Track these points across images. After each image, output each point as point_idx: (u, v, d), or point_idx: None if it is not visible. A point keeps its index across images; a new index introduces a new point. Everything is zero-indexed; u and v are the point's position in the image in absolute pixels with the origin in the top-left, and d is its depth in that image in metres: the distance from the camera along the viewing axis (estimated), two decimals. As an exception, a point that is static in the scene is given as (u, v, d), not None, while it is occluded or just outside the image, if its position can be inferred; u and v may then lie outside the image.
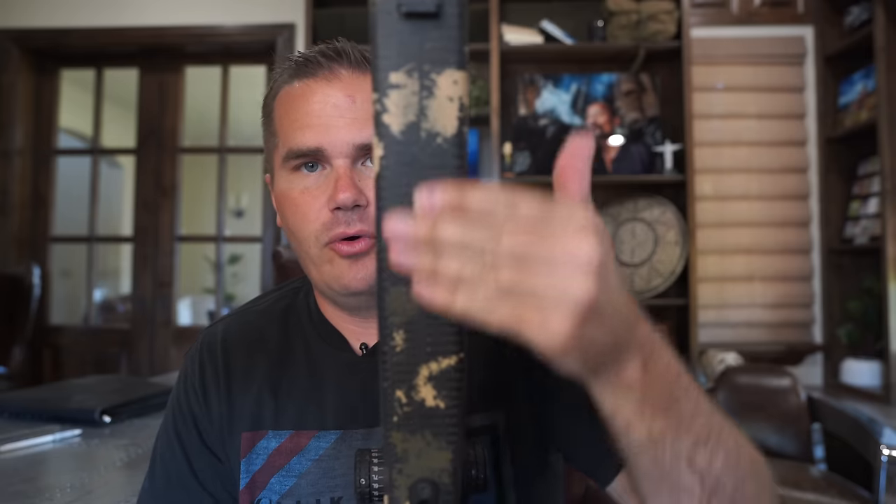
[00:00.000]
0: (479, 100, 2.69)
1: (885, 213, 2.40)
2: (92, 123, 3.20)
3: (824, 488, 1.73)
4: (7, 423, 1.32)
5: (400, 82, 0.31)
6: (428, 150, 0.32)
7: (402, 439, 0.36)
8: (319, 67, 0.66)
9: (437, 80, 0.31)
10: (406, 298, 0.34)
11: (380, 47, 0.31)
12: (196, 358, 0.74)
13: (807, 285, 2.81)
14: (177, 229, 3.12)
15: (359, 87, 0.65)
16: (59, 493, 0.94)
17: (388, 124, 0.32)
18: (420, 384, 0.35)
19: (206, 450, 0.71)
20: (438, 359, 0.35)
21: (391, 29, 0.31)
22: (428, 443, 0.36)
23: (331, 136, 0.64)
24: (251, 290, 4.87)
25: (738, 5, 2.86)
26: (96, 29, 3.00)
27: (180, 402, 0.73)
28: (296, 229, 0.66)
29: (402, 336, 0.35)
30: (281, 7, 2.96)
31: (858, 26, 2.63)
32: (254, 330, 0.75)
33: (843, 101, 2.75)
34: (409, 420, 0.36)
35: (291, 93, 0.67)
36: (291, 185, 0.66)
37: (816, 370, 2.78)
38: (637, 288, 2.70)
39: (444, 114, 0.32)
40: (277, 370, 0.72)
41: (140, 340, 3.07)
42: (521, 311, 0.32)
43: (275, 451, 0.68)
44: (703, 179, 2.80)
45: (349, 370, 0.71)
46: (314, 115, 0.64)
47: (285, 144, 0.66)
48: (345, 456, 0.68)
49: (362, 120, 0.64)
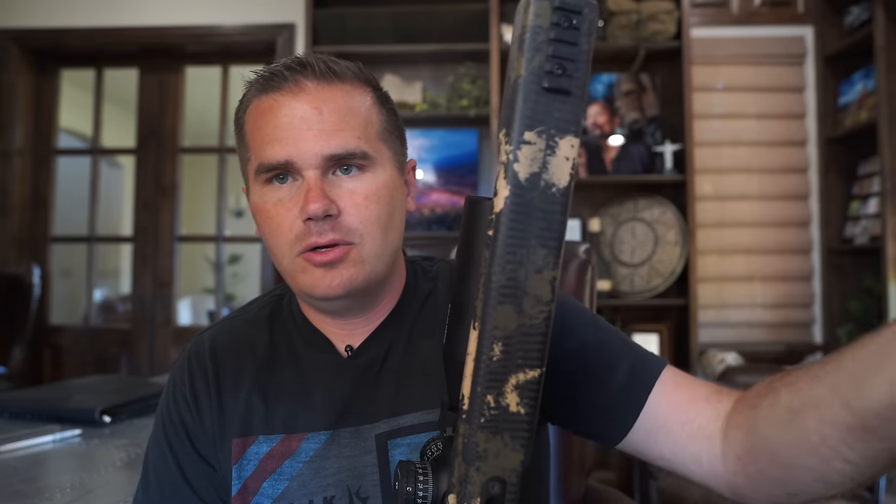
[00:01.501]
0: (479, 100, 2.69)
1: (885, 212, 2.40)
2: (92, 123, 3.20)
3: (824, 488, 1.72)
4: (7, 423, 1.32)
5: (531, 140, 0.39)
6: (543, 197, 0.39)
7: (485, 439, 0.41)
8: (285, 81, 0.66)
9: (559, 143, 0.39)
10: (510, 317, 0.40)
11: (520, 110, 0.38)
12: (185, 368, 0.74)
13: (807, 285, 2.81)
14: (177, 229, 3.12)
15: (325, 99, 0.66)
16: (59, 493, 0.94)
17: (516, 172, 0.39)
18: (508, 391, 0.41)
19: (199, 457, 0.71)
20: (526, 370, 0.41)
21: (531, 97, 0.38)
22: (505, 444, 0.41)
23: (299, 148, 0.64)
24: (251, 290, 4.87)
25: (737, 5, 2.86)
26: (96, 29, 3.00)
27: (170, 412, 0.73)
28: (271, 240, 0.67)
29: (500, 348, 0.40)
30: (281, 7, 2.96)
31: (858, 26, 2.63)
32: (241, 336, 0.75)
33: (843, 101, 2.75)
34: (494, 422, 0.41)
35: (260, 106, 0.68)
36: (265, 198, 0.67)
37: (816, 370, 2.78)
38: (637, 288, 2.70)
39: (560, 170, 0.39)
40: (266, 375, 0.72)
41: (140, 340, 3.07)
42: None
43: (266, 456, 0.69)
44: (703, 179, 2.80)
45: (336, 371, 0.72)
46: (282, 129, 0.65)
47: (256, 158, 0.67)
48: (334, 455, 0.68)
49: (330, 131, 0.65)
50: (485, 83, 2.71)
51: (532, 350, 0.41)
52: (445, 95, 2.75)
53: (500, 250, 0.39)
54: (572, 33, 0.38)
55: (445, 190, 2.77)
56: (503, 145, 0.40)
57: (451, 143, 2.77)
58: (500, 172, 0.40)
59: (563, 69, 0.38)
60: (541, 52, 0.38)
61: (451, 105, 2.71)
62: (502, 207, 0.39)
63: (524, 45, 0.38)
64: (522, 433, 0.41)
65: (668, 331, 2.66)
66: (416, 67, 2.85)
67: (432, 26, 2.73)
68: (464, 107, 2.69)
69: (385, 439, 0.69)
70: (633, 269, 2.74)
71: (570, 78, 0.38)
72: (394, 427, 0.69)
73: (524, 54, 0.38)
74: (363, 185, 0.67)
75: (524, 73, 0.38)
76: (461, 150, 2.77)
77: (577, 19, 0.38)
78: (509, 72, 0.40)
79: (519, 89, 0.38)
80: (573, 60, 0.38)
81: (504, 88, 0.41)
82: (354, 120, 0.67)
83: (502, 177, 0.39)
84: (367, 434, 0.69)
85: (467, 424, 0.42)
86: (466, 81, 2.72)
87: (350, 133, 0.66)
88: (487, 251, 0.41)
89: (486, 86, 2.70)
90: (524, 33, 0.38)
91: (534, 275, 0.40)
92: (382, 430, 0.69)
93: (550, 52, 0.38)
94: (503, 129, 0.40)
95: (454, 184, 2.77)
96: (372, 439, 0.69)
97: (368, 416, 0.70)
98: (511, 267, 0.39)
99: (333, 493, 0.68)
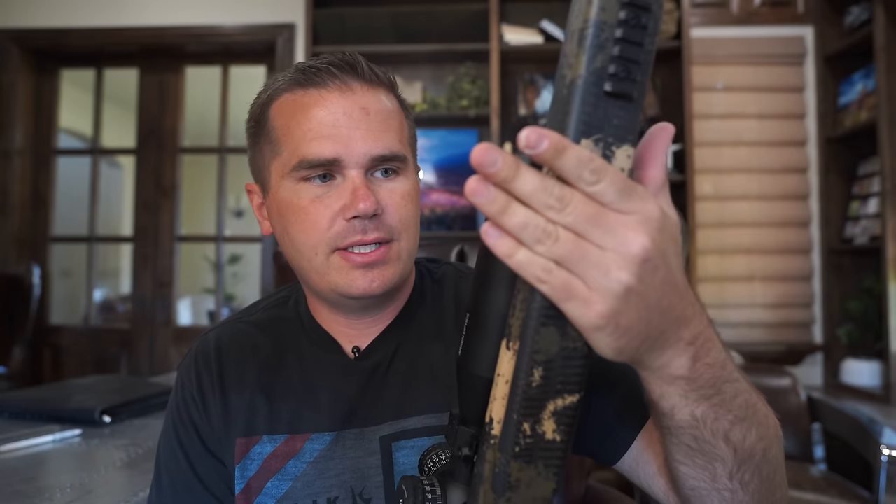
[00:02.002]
0: (479, 100, 2.69)
1: (885, 212, 2.40)
2: (92, 123, 3.20)
3: (824, 488, 1.73)
4: (7, 423, 1.32)
5: (588, 148, 0.35)
6: None
7: (518, 468, 0.38)
8: (332, 77, 0.66)
9: (616, 152, 0.36)
10: (553, 339, 0.37)
11: (576, 114, 0.35)
12: (192, 367, 0.75)
13: (807, 285, 2.81)
14: (177, 229, 3.12)
15: (370, 101, 0.67)
16: (59, 493, 0.94)
17: None
18: (545, 418, 0.38)
19: (209, 454, 0.72)
20: (564, 396, 0.38)
21: (591, 101, 0.35)
22: (539, 473, 0.39)
23: (348, 147, 0.64)
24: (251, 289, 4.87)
25: (737, 5, 2.86)
26: (96, 29, 3.00)
27: (180, 412, 0.74)
28: (300, 237, 0.66)
29: (541, 373, 0.38)
30: (281, 7, 2.96)
31: (858, 26, 2.63)
32: (246, 337, 0.76)
33: (843, 101, 2.75)
34: (529, 451, 0.38)
35: (298, 101, 0.67)
36: (300, 195, 0.66)
37: (816, 370, 2.78)
38: (637, 288, 2.70)
39: None
40: (270, 375, 0.73)
41: (140, 340, 3.07)
42: (571, 283, 0.34)
43: (270, 456, 0.69)
44: (704, 179, 2.80)
45: (342, 373, 0.72)
46: (330, 126, 0.65)
47: (295, 153, 0.65)
48: (339, 456, 0.69)
49: (377, 132, 0.66)
50: (485, 83, 2.71)
51: (573, 374, 0.38)
52: (445, 95, 2.75)
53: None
54: (639, 33, 0.35)
55: (445, 190, 2.77)
56: None
57: (451, 143, 2.77)
58: None
59: (628, 72, 0.35)
60: (604, 52, 0.35)
61: (451, 105, 2.71)
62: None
63: (585, 42, 0.35)
64: (556, 461, 0.39)
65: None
66: (416, 67, 2.85)
67: (432, 26, 2.73)
68: (464, 107, 2.69)
69: (389, 441, 0.69)
70: (633, 269, 2.73)
71: (633, 82, 0.35)
72: (398, 430, 0.69)
73: (585, 52, 0.35)
74: (400, 186, 0.68)
75: (584, 73, 0.35)
76: (461, 150, 2.77)
77: (645, 17, 0.35)
78: (563, 69, 0.36)
79: (577, 91, 0.35)
80: (638, 63, 0.35)
81: (556, 85, 0.37)
82: (394, 124, 0.69)
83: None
84: (372, 436, 0.69)
85: (498, 452, 0.39)
86: (466, 81, 2.72)
87: (393, 136, 0.68)
88: None
89: (486, 86, 2.70)
90: (586, 28, 0.35)
91: None
92: (387, 433, 0.69)
93: (615, 53, 0.35)
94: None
95: (454, 184, 2.77)
96: (376, 441, 0.69)
97: (373, 417, 0.70)
98: None
99: (337, 493, 0.68)
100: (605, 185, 0.34)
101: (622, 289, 0.34)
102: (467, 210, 2.75)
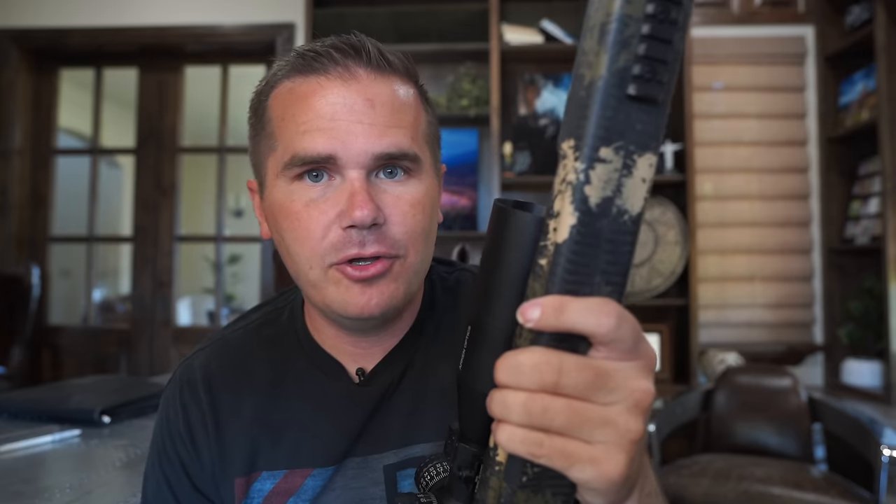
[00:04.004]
0: (479, 100, 2.69)
1: (886, 212, 2.40)
2: (91, 123, 3.20)
3: (825, 488, 1.73)
4: (7, 423, 1.32)
5: (607, 157, 0.32)
6: (614, 226, 0.33)
7: (525, 499, 0.36)
8: (333, 63, 0.57)
9: (638, 162, 0.33)
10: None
11: (596, 119, 0.32)
12: (177, 398, 0.67)
13: (807, 285, 2.81)
14: (176, 229, 3.12)
15: (377, 91, 0.58)
16: (58, 494, 0.94)
17: (587, 196, 0.33)
18: None
19: (197, 493, 0.66)
20: None
21: (612, 105, 0.32)
22: (546, 502, 0.36)
23: (346, 143, 0.56)
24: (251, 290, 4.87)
25: (738, 5, 2.86)
26: (96, 29, 3.00)
27: (165, 448, 0.67)
28: (294, 246, 0.58)
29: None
30: (281, 7, 2.95)
31: (859, 26, 2.63)
32: (237, 365, 0.68)
33: (844, 101, 2.75)
34: (537, 480, 0.36)
35: (296, 90, 0.58)
36: (292, 197, 0.58)
37: (817, 370, 2.78)
38: (637, 288, 2.70)
39: (636, 194, 0.33)
40: (268, 407, 0.65)
41: (139, 340, 3.07)
42: (572, 450, 0.33)
43: (270, 493, 0.64)
44: (704, 179, 2.79)
45: (346, 400, 0.65)
46: (326, 118, 0.56)
47: (288, 149, 0.57)
48: (340, 487, 0.64)
49: (382, 127, 0.57)
50: (485, 83, 2.71)
51: None
52: (445, 95, 2.74)
53: (557, 288, 0.34)
54: (668, 29, 0.31)
55: (445, 190, 2.77)
56: (570, 160, 0.33)
57: (451, 142, 2.76)
58: (565, 193, 0.33)
59: (654, 73, 0.31)
60: (629, 50, 0.31)
61: (451, 105, 2.71)
62: (566, 238, 0.33)
63: (607, 39, 0.31)
64: (566, 489, 0.36)
65: (669, 331, 2.66)
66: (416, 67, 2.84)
67: (432, 26, 2.73)
68: (464, 107, 2.69)
69: (394, 471, 0.63)
70: (634, 269, 2.73)
71: (659, 84, 0.32)
72: (403, 458, 0.63)
73: (607, 50, 0.31)
74: (409, 191, 0.59)
75: (605, 74, 0.31)
76: (461, 149, 2.77)
77: (675, 11, 0.31)
78: (581, 68, 0.33)
79: (597, 94, 0.32)
80: (665, 62, 0.32)
81: (572, 85, 0.34)
82: (406, 118, 0.59)
83: (568, 200, 0.33)
84: (376, 465, 0.64)
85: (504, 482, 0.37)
86: (466, 81, 2.71)
87: (403, 131, 0.58)
88: (538, 284, 0.35)
89: (486, 85, 2.70)
90: (608, 22, 0.31)
91: None
92: (391, 462, 0.63)
93: (641, 52, 0.31)
94: (569, 139, 0.33)
95: (454, 184, 2.77)
96: (380, 471, 0.63)
97: (378, 446, 0.64)
98: None
99: None
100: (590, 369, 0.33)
101: (620, 474, 0.34)
102: (467, 210, 2.75)
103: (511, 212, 0.38)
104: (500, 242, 0.38)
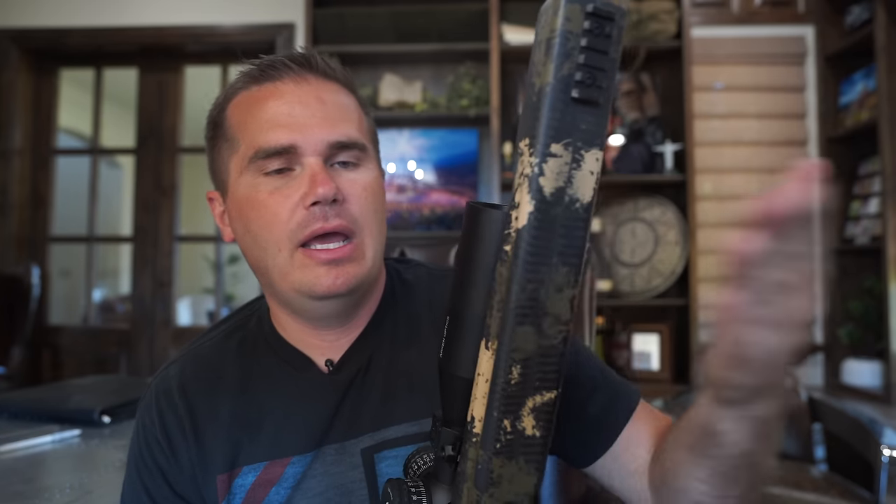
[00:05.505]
0: (479, 100, 2.69)
1: (886, 212, 2.40)
2: (91, 123, 3.20)
3: (825, 489, 1.73)
4: (7, 423, 1.32)
5: (557, 153, 0.37)
6: (567, 212, 0.38)
7: (500, 465, 0.40)
8: (287, 70, 0.66)
9: (585, 156, 0.38)
10: (529, 338, 0.39)
11: (546, 120, 0.37)
12: (153, 406, 0.70)
13: (807, 285, 2.80)
14: (176, 229, 3.12)
15: (327, 91, 0.66)
16: (58, 494, 0.94)
17: (541, 186, 0.37)
18: (524, 414, 0.40)
19: (177, 497, 0.68)
20: (543, 392, 0.40)
21: (559, 107, 0.37)
22: (520, 468, 0.40)
23: (304, 133, 0.63)
24: (250, 290, 4.87)
25: (738, 5, 2.86)
26: (96, 29, 3.00)
27: (143, 456, 0.69)
28: (263, 234, 0.64)
29: (519, 370, 0.39)
30: (280, 7, 2.95)
31: (859, 26, 2.63)
32: (210, 369, 0.71)
33: (844, 101, 2.75)
34: (510, 447, 0.40)
35: (254, 96, 0.66)
36: (258, 188, 0.64)
37: (817, 370, 2.78)
38: (637, 288, 2.70)
39: (585, 184, 0.38)
40: (243, 405, 0.69)
41: (139, 340, 3.07)
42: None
43: (252, 486, 0.66)
44: (704, 179, 2.79)
45: (318, 389, 0.69)
46: (285, 115, 0.64)
47: (252, 145, 0.64)
48: (320, 474, 0.66)
49: (333, 119, 0.65)
50: (485, 83, 2.71)
51: (550, 371, 0.40)
52: (445, 95, 2.74)
53: (520, 268, 0.38)
54: (603, 41, 0.36)
55: (445, 190, 2.77)
56: (526, 156, 0.38)
57: (451, 142, 2.76)
58: (523, 185, 0.38)
59: (593, 79, 0.37)
60: (570, 60, 0.36)
61: (451, 105, 2.71)
62: (525, 224, 0.38)
63: (552, 51, 0.36)
64: (537, 456, 0.40)
65: (669, 331, 2.66)
66: (416, 67, 2.84)
67: (432, 26, 2.73)
68: (464, 107, 2.69)
69: (371, 453, 0.67)
70: (634, 269, 2.73)
71: (598, 88, 0.37)
72: (378, 440, 0.67)
73: (552, 61, 0.36)
74: (362, 177, 0.66)
75: (552, 80, 0.36)
76: (461, 149, 2.77)
77: (609, 27, 0.36)
78: (532, 77, 0.38)
79: (546, 98, 0.37)
80: (603, 70, 0.37)
81: (527, 93, 0.39)
82: (351, 115, 0.68)
83: (525, 190, 0.38)
84: (353, 449, 0.67)
85: (480, 450, 0.40)
86: (466, 81, 2.71)
87: (351, 125, 0.67)
88: (504, 268, 0.39)
89: (486, 85, 2.70)
90: (553, 37, 0.36)
91: (554, 294, 0.38)
92: (368, 444, 0.67)
93: (581, 61, 0.36)
94: (525, 139, 0.38)
95: (454, 184, 2.77)
96: (358, 454, 0.67)
97: (353, 430, 0.68)
98: (532, 286, 0.38)
99: None
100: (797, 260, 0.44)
101: (798, 343, 0.42)
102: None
103: (482, 209, 0.43)
104: (472, 238, 0.44)
